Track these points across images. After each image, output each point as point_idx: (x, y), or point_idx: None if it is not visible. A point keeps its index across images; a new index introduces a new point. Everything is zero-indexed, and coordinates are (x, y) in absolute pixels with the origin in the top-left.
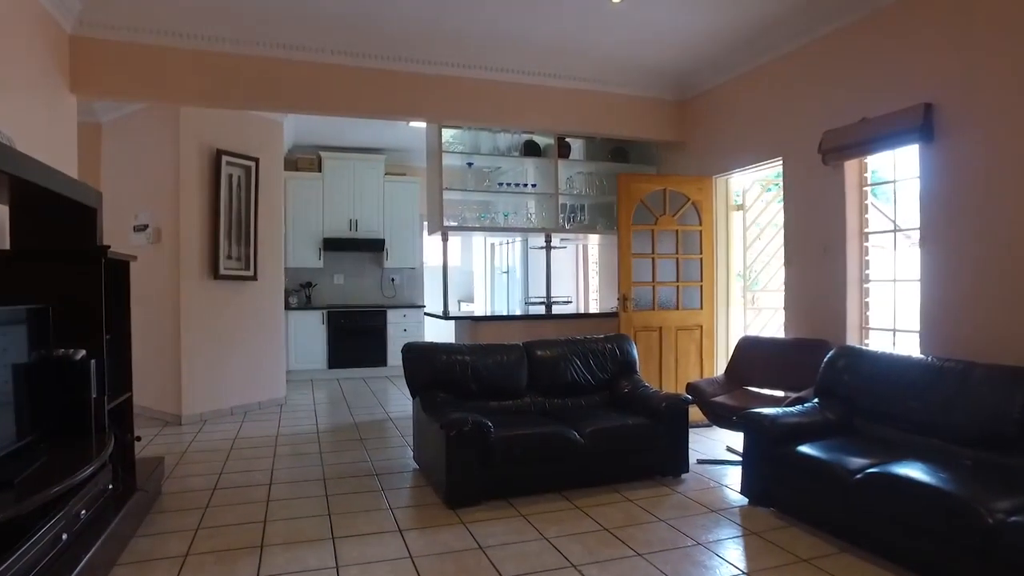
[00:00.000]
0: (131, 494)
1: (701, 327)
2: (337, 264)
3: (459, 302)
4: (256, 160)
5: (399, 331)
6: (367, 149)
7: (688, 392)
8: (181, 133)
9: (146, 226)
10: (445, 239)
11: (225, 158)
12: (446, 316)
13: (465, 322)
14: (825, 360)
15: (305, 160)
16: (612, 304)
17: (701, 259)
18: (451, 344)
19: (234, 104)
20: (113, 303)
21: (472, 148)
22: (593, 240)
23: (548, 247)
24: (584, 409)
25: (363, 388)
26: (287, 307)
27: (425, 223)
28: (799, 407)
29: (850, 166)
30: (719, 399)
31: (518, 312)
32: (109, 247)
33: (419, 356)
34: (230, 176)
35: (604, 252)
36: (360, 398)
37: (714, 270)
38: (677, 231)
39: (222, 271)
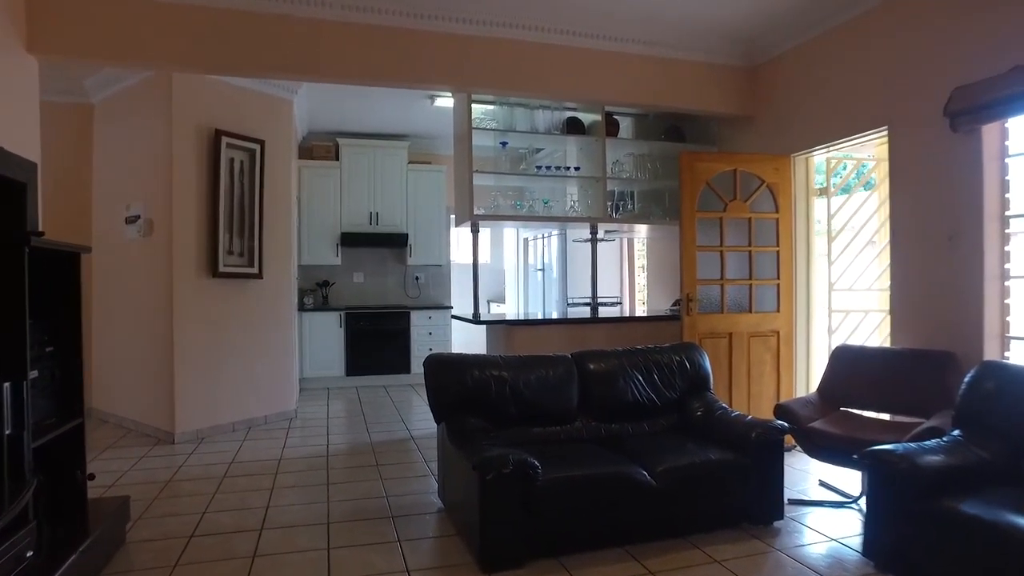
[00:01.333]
0: (73, 551)
1: (778, 333)
2: (356, 261)
3: (488, 303)
4: (261, 142)
5: (423, 335)
6: (388, 135)
7: (777, 415)
8: (174, 110)
9: (137, 217)
10: (476, 231)
11: (225, 139)
12: (477, 320)
13: (499, 326)
14: (967, 381)
15: (321, 147)
16: (664, 306)
17: (778, 252)
18: (484, 356)
19: (224, 68)
20: (58, 306)
21: (506, 126)
22: (641, 232)
23: (594, 240)
24: (649, 438)
25: (383, 399)
26: (302, 308)
27: (452, 216)
28: (936, 442)
29: (989, 132)
30: (817, 425)
31: (556, 315)
32: (42, 233)
33: (445, 372)
34: (231, 160)
35: (654, 246)
36: (379, 411)
37: (793, 265)
38: (750, 219)
39: (222, 268)
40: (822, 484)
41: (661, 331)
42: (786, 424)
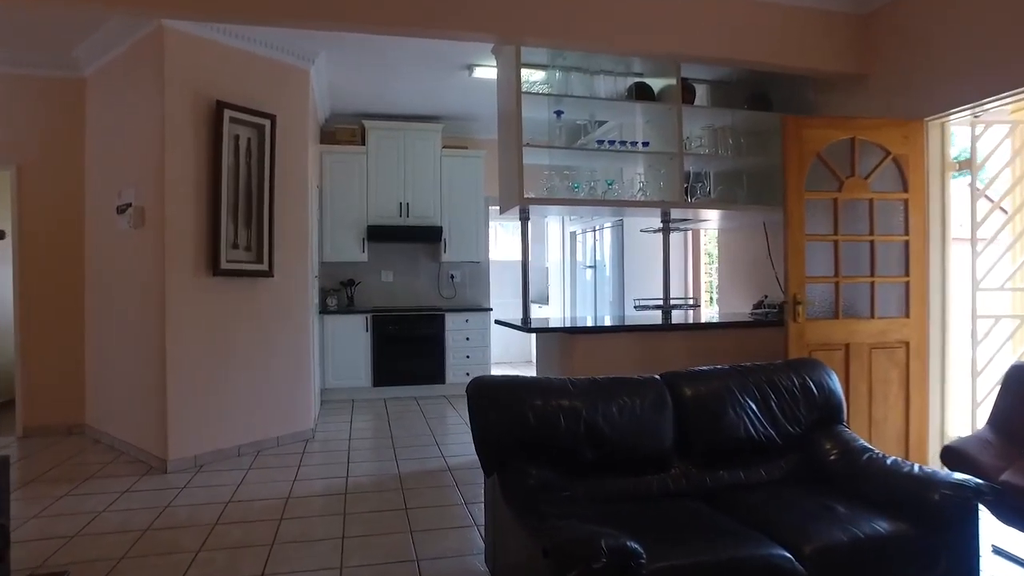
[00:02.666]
0: None
1: (907, 344)
2: (384, 258)
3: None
4: (272, 117)
5: (460, 340)
6: (420, 117)
7: (948, 462)
8: (167, 76)
9: (129, 205)
10: (525, 218)
11: (229, 113)
12: (527, 327)
13: (553, 336)
14: None
15: (345, 131)
16: (739, 308)
17: (907, 242)
18: (547, 380)
19: (219, 13)
20: None
21: (562, 92)
22: (711, 221)
23: (666, 229)
24: (774, 493)
25: (414, 414)
26: (324, 310)
27: (491, 207)
28: None
29: None
30: (1015, 480)
31: (610, 320)
32: None
33: (498, 404)
34: (236, 137)
35: (728, 238)
36: (410, 429)
37: (926, 259)
38: (871, 201)
39: (224, 264)
40: (998, 552)
41: (753, 341)
42: (980, 480)
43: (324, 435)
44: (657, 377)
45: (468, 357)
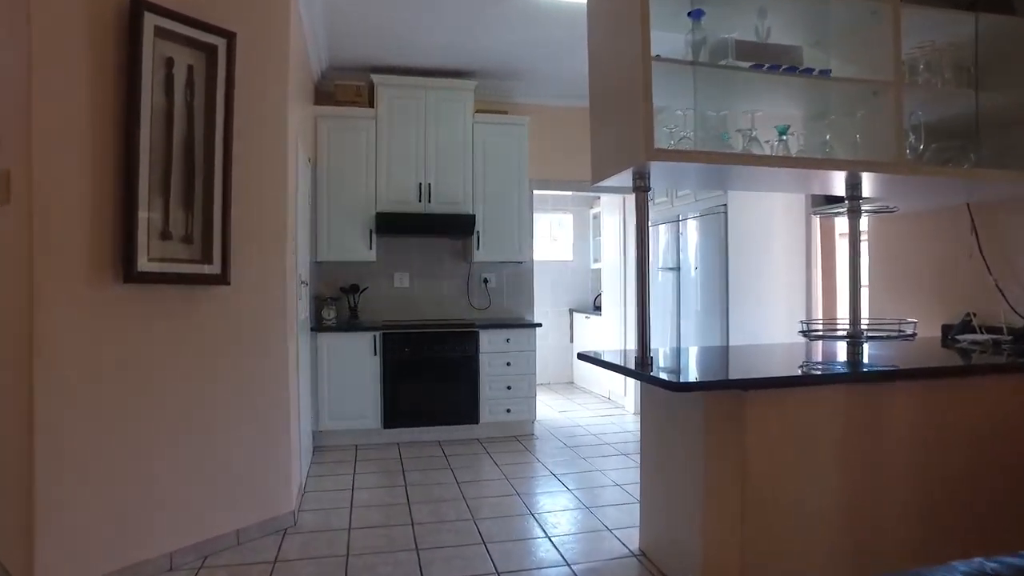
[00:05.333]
0: None
1: None
2: (398, 256)
3: (570, 312)
4: (229, 36)
5: (498, 365)
6: (446, 71)
7: None
8: None
9: None
10: (643, 188)
11: (154, 20)
12: (661, 380)
13: (697, 395)
14: None
15: (347, 88)
16: (920, 330)
17: None
18: None
19: None
20: None
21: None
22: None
23: (855, 210)
24: None
25: (441, 473)
26: (318, 326)
27: (537, 191)
28: None
29: None
30: None
31: (700, 370)
32: None
33: None
34: (167, 62)
35: (892, 229)
36: (438, 507)
37: None
38: None
39: (145, 264)
40: None
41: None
42: None
43: (312, 519)
44: None
45: (509, 388)
